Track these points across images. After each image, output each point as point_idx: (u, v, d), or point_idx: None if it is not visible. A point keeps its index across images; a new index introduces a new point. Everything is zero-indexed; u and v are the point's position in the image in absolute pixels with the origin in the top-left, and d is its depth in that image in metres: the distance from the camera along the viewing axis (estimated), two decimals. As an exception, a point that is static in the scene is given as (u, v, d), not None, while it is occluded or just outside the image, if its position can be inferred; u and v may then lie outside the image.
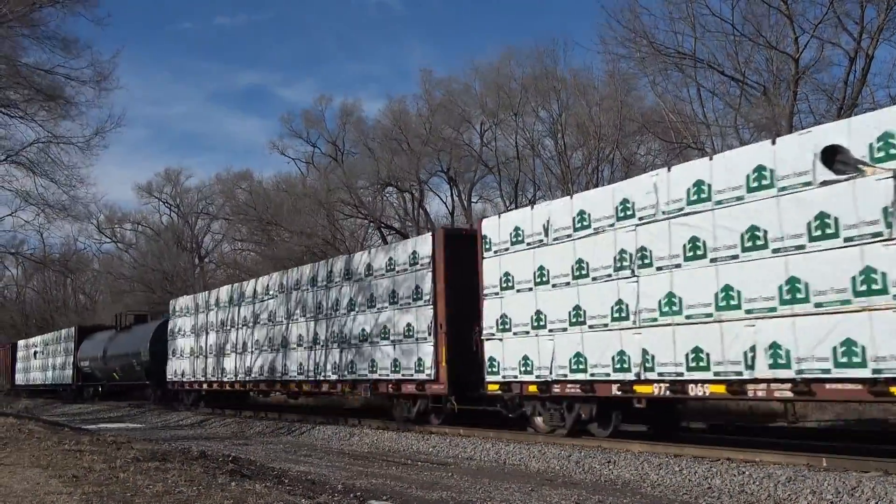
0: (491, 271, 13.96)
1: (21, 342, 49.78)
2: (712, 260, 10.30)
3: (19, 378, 47.63)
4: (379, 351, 16.66)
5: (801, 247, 9.32)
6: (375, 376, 16.76)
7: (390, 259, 16.57)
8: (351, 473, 11.14)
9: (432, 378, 15.14)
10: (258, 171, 75.42)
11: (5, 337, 62.13)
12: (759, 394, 9.93)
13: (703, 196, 10.46)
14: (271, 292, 21.33)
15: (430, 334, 15.22)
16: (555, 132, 30.19)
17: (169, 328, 28.09)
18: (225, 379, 23.37)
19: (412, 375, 15.69)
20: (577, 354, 12.17)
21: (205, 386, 24.95)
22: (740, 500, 8.56)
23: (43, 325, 59.41)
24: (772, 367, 9.55)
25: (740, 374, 9.91)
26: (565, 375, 12.35)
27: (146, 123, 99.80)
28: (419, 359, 15.47)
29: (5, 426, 15.24)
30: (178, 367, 26.75)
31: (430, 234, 16.18)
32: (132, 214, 62.47)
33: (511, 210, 14.05)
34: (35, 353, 44.55)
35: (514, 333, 13.36)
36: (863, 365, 8.67)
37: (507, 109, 31.27)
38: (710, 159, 10.64)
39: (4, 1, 18.70)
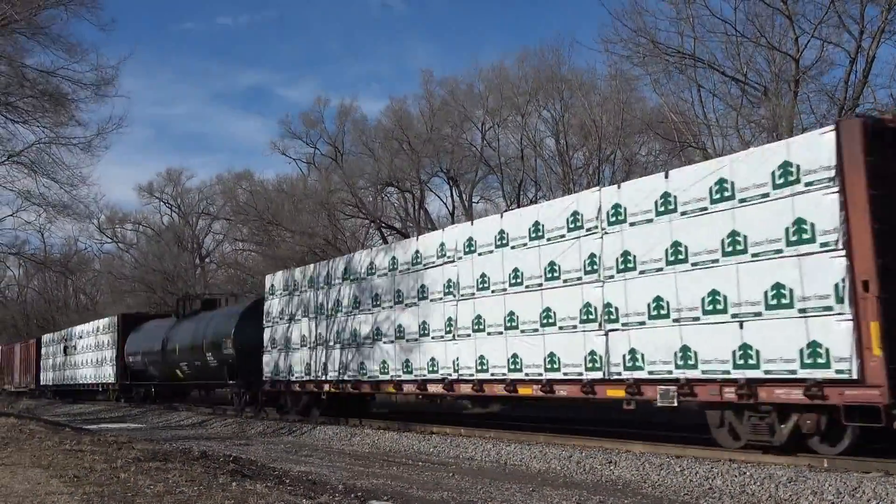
0: None
1: (47, 336, 43.71)
2: None
3: (45, 377, 41.55)
4: (701, 336, 10.70)
5: None
6: (695, 374, 10.68)
7: (720, 181, 10.50)
8: (352, 474, 11.15)
9: (850, 376, 9.01)
10: (259, 172, 75.68)
11: (6, 337, 62.19)
12: None
13: None
14: (452, 252, 15.12)
15: (840, 301, 9.14)
16: (557, 132, 30.21)
17: (265, 310, 21.49)
18: (365, 378, 17.44)
19: (794, 372, 9.59)
20: None
21: (326, 387, 18.79)
22: (741, 501, 8.56)
23: (44, 325, 59.45)
24: None
25: None
26: None
27: (148, 123, 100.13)
28: (812, 343, 9.40)
29: (6, 426, 15.25)
30: (282, 361, 20.56)
31: (831, 128, 9.56)
32: (133, 215, 62.80)
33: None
34: (65, 347, 38.39)
35: None
36: None
37: (510, 109, 31.28)
38: None
39: (9, 2, 18.68)
